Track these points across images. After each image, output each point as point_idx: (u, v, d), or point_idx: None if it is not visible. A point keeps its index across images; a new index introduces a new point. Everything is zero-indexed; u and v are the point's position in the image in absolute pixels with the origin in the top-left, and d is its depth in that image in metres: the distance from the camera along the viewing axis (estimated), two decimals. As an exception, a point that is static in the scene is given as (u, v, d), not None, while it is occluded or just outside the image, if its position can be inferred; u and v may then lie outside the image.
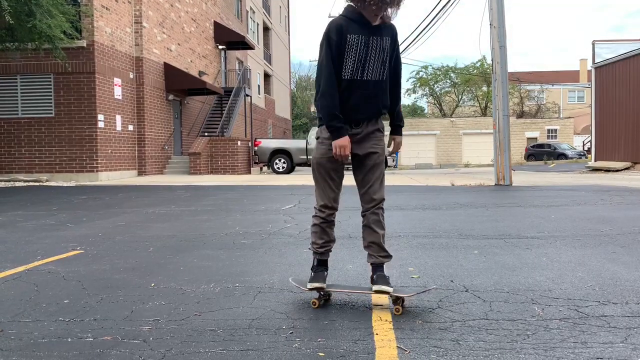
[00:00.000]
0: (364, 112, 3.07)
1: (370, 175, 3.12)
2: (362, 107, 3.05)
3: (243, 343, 2.56)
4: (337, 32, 2.97)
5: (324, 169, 3.11)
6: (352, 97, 3.02)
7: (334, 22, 3.01)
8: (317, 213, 3.18)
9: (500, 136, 13.36)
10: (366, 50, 2.99)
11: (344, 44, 2.98)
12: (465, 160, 38.88)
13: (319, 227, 3.18)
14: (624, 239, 5.27)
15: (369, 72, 3.01)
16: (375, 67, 3.02)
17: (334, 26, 2.99)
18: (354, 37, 2.97)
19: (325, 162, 3.10)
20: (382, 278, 3.06)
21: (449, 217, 7.18)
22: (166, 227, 6.50)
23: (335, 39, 2.97)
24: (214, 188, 13.14)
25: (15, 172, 16.45)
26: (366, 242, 3.14)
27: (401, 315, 2.96)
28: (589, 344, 2.49)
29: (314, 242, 3.22)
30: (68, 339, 2.64)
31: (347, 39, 2.97)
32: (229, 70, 28.76)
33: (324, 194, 3.14)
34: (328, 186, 3.13)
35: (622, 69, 20.86)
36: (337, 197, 3.16)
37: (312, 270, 3.20)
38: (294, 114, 56.61)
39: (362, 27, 2.99)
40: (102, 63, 16.50)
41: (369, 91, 3.04)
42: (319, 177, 3.15)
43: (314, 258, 3.24)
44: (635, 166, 19.83)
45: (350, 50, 2.98)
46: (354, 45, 2.97)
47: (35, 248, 5.20)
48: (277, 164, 22.06)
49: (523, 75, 46.71)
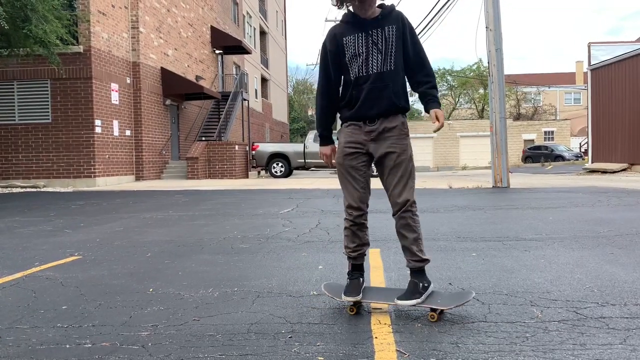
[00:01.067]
0: (376, 106, 3.00)
1: (391, 177, 3.05)
2: (371, 101, 3.01)
3: (242, 348, 2.55)
4: (330, 41, 3.06)
5: (343, 168, 3.10)
6: (361, 94, 3.02)
7: (328, 32, 3.10)
8: (346, 216, 3.13)
9: (497, 138, 13.39)
10: (366, 46, 2.99)
11: (341, 50, 3.03)
12: (463, 162, 38.93)
13: (349, 230, 3.12)
14: (621, 241, 5.28)
15: (373, 65, 3.00)
16: (379, 59, 2.99)
17: (327, 36, 3.08)
18: (349, 38, 3.01)
19: (342, 161, 3.09)
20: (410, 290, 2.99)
21: (447, 219, 7.18)
22: (164, 232, 6.49)
23: (329, 47, 3.06)
24: (212, 192, 13.13)
25: (13, 178, 16.41)
26: (401, 246, 3.10)
27: (400, 319, 2.96)
28: (588, 345, 2.49)
29: (346, 246, 3.16)
30: (66, 345, 2.64)
31: (342, 43, 3.02)
32: (226, 75, 28.77)
33: (347, 194, 3.11)
34: (351, 185, 3.09)
35: (618, 71, 20.93)
36: (362, 197, 3.08)
37: (348, 277, 3.14)
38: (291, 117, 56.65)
39: (357, 26, 3.01)
40: (99, 68, 16.50)
41: (376, 84, 3.00)
42: (341, 178, 3.14)
43: (348, 263, 3.18)
44: (632, 167, 19.88)
45: (349, 52, 3.01)
46: (351, 45, 3.00)
47: (33, 254, 5.19)
48: (275, 167, 22.05)
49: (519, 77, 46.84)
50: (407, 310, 3.10)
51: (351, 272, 3.15)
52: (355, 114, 3.04)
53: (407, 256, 3.07)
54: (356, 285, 3.08)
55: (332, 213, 8.09)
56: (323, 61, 3.11)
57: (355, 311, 3.05)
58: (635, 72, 19.81)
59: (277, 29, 45.50)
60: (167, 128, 21.15)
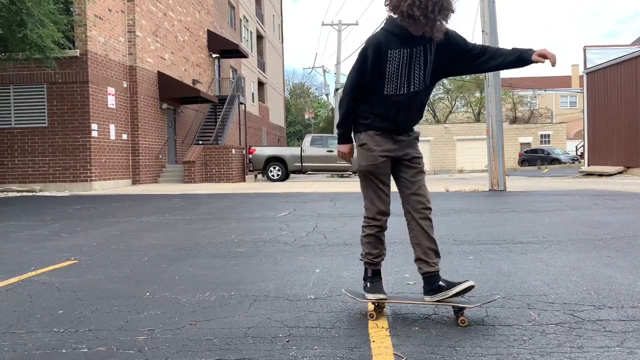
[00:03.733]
0: (411, 122, 3.06)
1: (420, 180, 3.07)
2: (408, 117, 3.02)
3: (239, 352, 2.54)
4: (374, 50, 2.88)
5: (374, 176, 3.03)
6: (401, 112, 2.98)
7: (373, 39, 2.91)
8: (372, 222, 3.07)
9: (494, 142, 13.42)
10: (409, 63, 2.90)
11: (384, 62, 2.89)
12: (459, 166, 38.99)
13: (374, 237, 3.08)
14: (618, 243, 5.29)
15: (415, 84, 2.94)
16: (420, 77, 2.95)
17: (372, 44, 2.90)
18: (394, 52, 2.88)
19: (375, 169, 3.02)
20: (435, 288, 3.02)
21: (444, 223, 7.19)
22: (161, 236, 6.48)
23: (371, 56, 2.89)
24: (209, 196, 13.11)
25: (9, 182, 16.36)
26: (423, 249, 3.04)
27: (397, 322, 2.95)
28: (585, 348, 2.49)
29: (368, 253, 3.10)
30: (62, 350, 2.62)
31: (387, 55, 2.88)
32: (222, 79, 28.78)
33: (379, 201, 3.05)
34: (383, 192, 3.05)
35: (614, 74, 21.02)
36: (390, 201, 3.09)
37: (368, 281, 3.10)
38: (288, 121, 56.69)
39: (403, 40, 2.88)
40: (95, 72, 16.48)
41: (414, 101, 3.00)
42: (371, 186, 3.06)
43: (367, 269, 3.12)
44: (628, 170, 19.94)
45: (391, 66, 2.89)
46: (395, 60, 2.88)
47: (29, 258, 5.17)
48: (272, 171, 22.03)
49: (515, 81, 46.97)
50: (405, 314, 3.10)
51: (371, 277, 3.10)
52: (392, 127, 3.00)
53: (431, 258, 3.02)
54: (380, 287, 3.08)
55: (329, 217, 8.09)
56: (361, 66, 2.93)
57: (376, 316, 3.00)
58: (631, 75, 19.89)
59: (273, 32, 45.57)
60: (163, 132, 21.13)
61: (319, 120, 60.29)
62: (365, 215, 3.12)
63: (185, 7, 23.45)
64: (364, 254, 3.13)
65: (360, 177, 3.12)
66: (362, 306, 3.24)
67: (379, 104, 2.97)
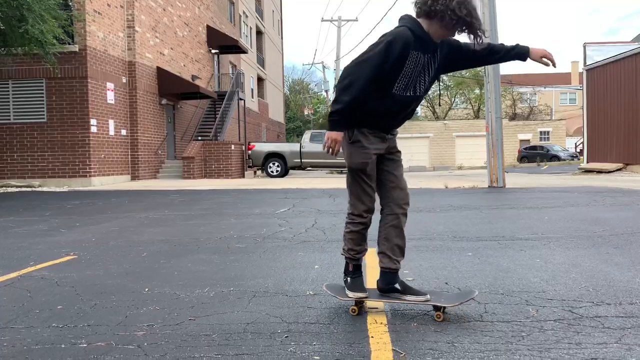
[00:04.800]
0: (404, 121, 3.12)
1: (401, 175, 3.11)
2: (405, 119, 3.09)
3: (238, 347, 2.55)
4: (402, 47, 2.81)
5: (365, 174, 3.02)
6: (401, 112, 3.01)
7: (403, 34, 2.82)
8: (357, 219, 3.07)
9: (493, 138, 13.42)
10: (422, 68, 2.91)
11: (403, 61, 2.85)
12: (459, 162, 38.98)
13: (358, 233, 3.09)
14: (617, 240, 5.30)
15: (420, 88, 2.97)
16: (426, 81, 2.98)
17: (402, 39, 2.81)
18: (414, 54, 2.86)
19: (365, 166, 3.00)
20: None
21: (443, 219, 7.19)
22: (160, 232, 6.48)
23: (396, 53, 2.81)
24: (208, 192, 13.11)
25: (7, 177, 16.34)
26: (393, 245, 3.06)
27: (396, 318, 2.96)
28: (583, 344, 2.50)
29: (350, 249, 3.12)
30: (62, 345, 2.63)
31: (408, 55, 2.85)
32: (222, 74, 28.73)
33: (367, 198, 3.05)
34: (371, 189, 3.05)
35: (613, 71, 21.01)
36: (375, 198, 3.10)
37: (349, 276, 3.11)
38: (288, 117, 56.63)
39: (423, 45, 2.88)
40: (94, 67, 16.44)
41: (414, 105, 3.05)
42: (360, 183, 3.04)
43: (348, 264, 3.14)
44: (627, 167, 19.95)
45: (407, 67, 2.87)
46: (412, 62, 2.87)
47: (28, 254, 5.17)
48: (271, 167, 22.03)
49: (515, 77, 46.93)
50: (403, 310, 3.10)
51: (353, 272, 3.13)
52: (387, 126, 3.02)
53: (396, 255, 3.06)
54: (361, 283, 3.10)
55: (328, 213, 8.09)
56: (384, 57, 2.80)
57: (357, 312, 3.03)
58: (631, 72, 19.88)
59: (273, 28, 45.47)
60: (162, 128, 21.11)
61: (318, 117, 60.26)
62: (350, 212, 3.10)
63: (185, 2, 23.39)
64: (346, 249, 3.15)
65: (350, 174, 3.08)
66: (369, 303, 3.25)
67: (383, 101, 2.94)
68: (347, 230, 3.13)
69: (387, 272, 3.06)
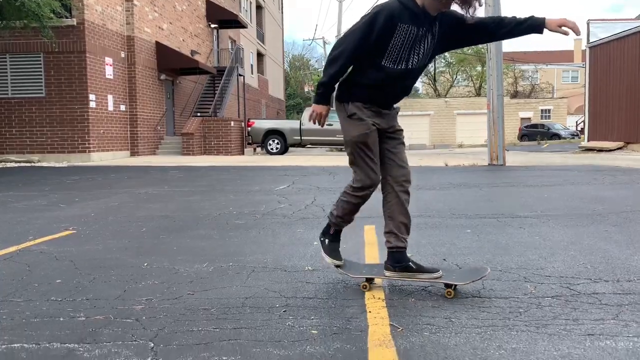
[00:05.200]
0: (399, 97, 3.06)
1: (402, 153, 3.09)
2: (400, 94, 3.04)
3: (236, 321, 2.56)
4: (386, 19, 2.77)
5: (366, 146, 2.97)
6: (393, 86, 2.95)
7: (387, 6, 2.81)
8: (358, 193, 3.04)
9: (494, 116, 13.34)
10: (414, 41, 2.84)
11: (390, 33, 2.80)
12: (459, 140, 38.86)
13: (354, 205, 3.09)
14: (616, 218, 5.30)
15: (413, 62, 2.90)
16: (420, 55, 2.90)
17: (385, 12, 2.78)
18: (403, 27, 2.80)
19: (367, 138, 2.96)
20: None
21: (443, 197, 7.19)
22: (159, 208, 6.48)
23: (381, 24, 2.77)
24: (207, 169, 13.09)
25: (7, 152, 16.30)
26: (396, 222, 3.07)
27: (394, 294, 2.97)
28: (580, 320, 2.51)
29: (339, 216, 3.14)
30: (60, 318, 2.64)
31: (396, 27, 2.79)
32: (221, 50, 28.43)
33: (370, 171, 3.01)
34: (373, 162, 3.01)
35: (616, 49, 20.80)
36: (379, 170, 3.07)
37: (328, 238, 3.18)
38: (288, 94, 56.28)
39: (414, 17, 2.81)
40: (92, 42, 16.26)
41: (409, 79, 2.99)
42: (362, 156, 3.00)
43: (330, 227, 3.19)
44: (628, 146, 19.89)
45: (396, 40, 2.81)
46: (402, 35, 2.80)
47: (27, 228, 5.17)
48: (271, 144, 21.94)
49: (517, 55, 46.50)
50: (401, 285, 3.11)
51: (333, 235, 3.19)
52: (380, 100, 2.98)
53: (402, 233, 3.06)
54: (338, 250, 3.19)
55: (328, 190, 8.09)
56: (367, 29, 2.79)
57: (369, 288, 3.02)
58: (635, 49, 19.68)
59: (273, 3, 44.87)
60: (162, 103, 20.98)
61: (319, 93, 59.73)
62: (353, 185, 3.06)
63: (184, -25, 23.03)
64: (335, 214, 3.16)
65: (351, 148, 3.02)
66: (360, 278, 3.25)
67: (373, 74, 2.91)
68: (344, 199, 3.12)
69: (395, 252, 3.04)
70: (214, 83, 24.77)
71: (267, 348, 2.24)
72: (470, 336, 2.34)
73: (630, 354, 2.14)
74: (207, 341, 2.32)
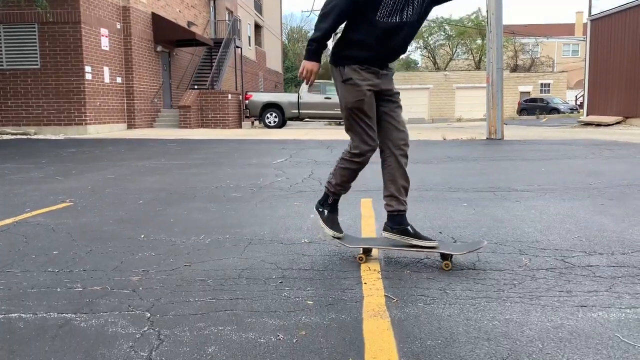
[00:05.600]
0: (396, 53, 2.99)
1: (399, 116, 3.06)
2: (398, 51, 2.98)
3: (233, 292, 2.57)
4: None
5: (362, 112, 2.94)
6: (388, 41, 2.88)
7: None
8: (356, 159, 3.02)
9: (494, 90, 13.26)
10: None
11: None
12: (458, 114, 38.70)
13: (352, 171, 3.08)
14: (612, 192, 5.31)
15: (408, 12, 2.84)
16: (414, 8, 2.84)
17: None
18: None
19: (363, 104, 2.92)
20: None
21: (440, 170, 7.19)
22: (156, 180, 6.47)
23: None
24: (205, 142, 13.04)
25: (2, 125, 16.21)
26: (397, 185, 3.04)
27: (389, 265, 2.98)
28: (574, 292, 2.53)
29: (338, 184, 3.12)
30: (57, 289, 2.65)
31: None
32: (218, 21, 28.04)
33: (367, 136, 2.98)
34: (370, 127, 2.98)
35: (619, 22, 20.56)
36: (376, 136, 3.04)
37: (326, 209, 3.18)
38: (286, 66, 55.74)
39: None
40: (87, 12, 16.02)
41: (406, 34, 2.91)
42: (358, 122, 2.97)
43: (328, 196, 3.18)
44: (627, 120, 19.84)
45: None
46: None
47: (24, 200, 5.17)
48: (269, 118, 21.83)
49: (518, 28, 45.95)
50: (397, 257, 3.12)
51: (331, 205, 3.19)
52: (375, 58, 2.92)
53: (402, 196, 3.06)
54: (337, 221, 3.20)
55: (325, 164, 8.08)
56: None
57: (365, 260, 3.04)
58: (636, 23, 19.46)
59: (271, -27, 44.07)
60: (158, 75, 20.78)
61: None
62: (351, 150, 3.04)
63: (179, -56, 22.57)
64: (333, 183, 3.15)
65: (347, 114, 2.99)
66: (356, 250, 3.26)
67: (367, 30, 2.86)
68: (342, 166, 3.10)
69: (395, 215, 3.05)
70: (211, 55, 24.50)
71: (262, 318, 2.26)
72: (464, 307, 2.36)
73: (622, 325, 2.17)
74: (203, 311, 2.34)
